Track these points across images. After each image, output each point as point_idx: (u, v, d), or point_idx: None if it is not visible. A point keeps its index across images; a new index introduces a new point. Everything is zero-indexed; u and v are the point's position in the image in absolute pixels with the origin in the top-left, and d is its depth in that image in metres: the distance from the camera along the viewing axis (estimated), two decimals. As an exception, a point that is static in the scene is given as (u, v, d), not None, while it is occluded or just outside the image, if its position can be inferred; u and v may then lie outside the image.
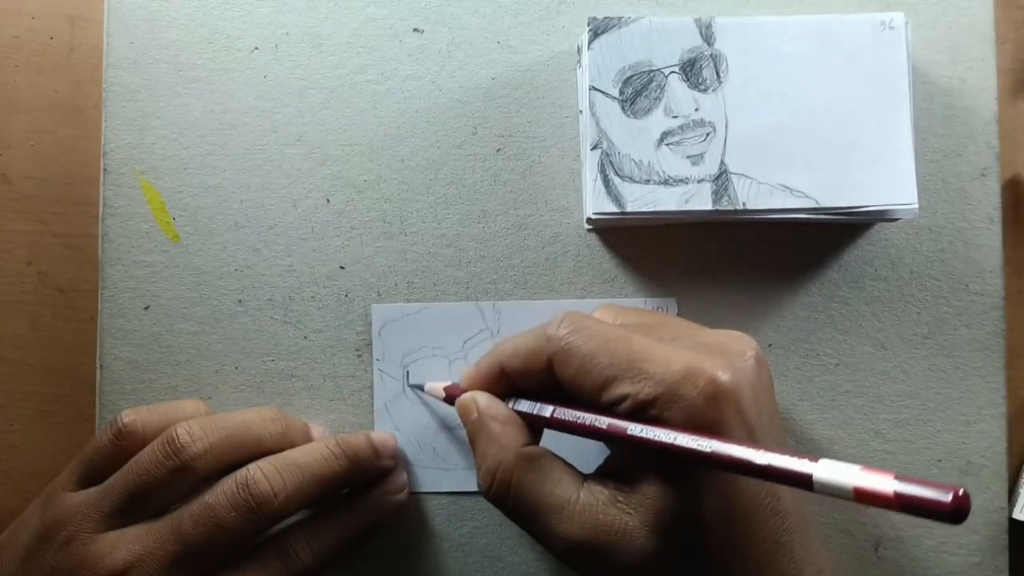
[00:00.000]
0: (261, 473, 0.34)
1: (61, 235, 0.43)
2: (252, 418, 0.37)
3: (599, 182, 0.38)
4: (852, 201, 0.37)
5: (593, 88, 0.38)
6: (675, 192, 0.38)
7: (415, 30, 0.42)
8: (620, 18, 0.38)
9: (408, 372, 0.41)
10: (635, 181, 0.38)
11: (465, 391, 0.36)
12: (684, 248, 0.41)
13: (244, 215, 0.41)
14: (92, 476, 0.36)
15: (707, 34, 0.38)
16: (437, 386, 0.39)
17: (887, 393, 0.41)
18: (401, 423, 0.41)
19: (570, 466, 0.33)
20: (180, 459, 0.34)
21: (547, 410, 0.33)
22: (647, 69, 0.38)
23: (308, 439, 0.39)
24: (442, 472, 0.40)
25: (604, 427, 0.31)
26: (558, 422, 0.33)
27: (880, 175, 0.37)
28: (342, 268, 0.41)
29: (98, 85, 0.42)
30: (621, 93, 0.38)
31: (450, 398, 0.37)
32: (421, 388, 0.40)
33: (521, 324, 0.40)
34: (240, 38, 0.42)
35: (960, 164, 0.41)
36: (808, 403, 0.41)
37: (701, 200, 0.37)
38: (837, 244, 0.41)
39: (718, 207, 0.37)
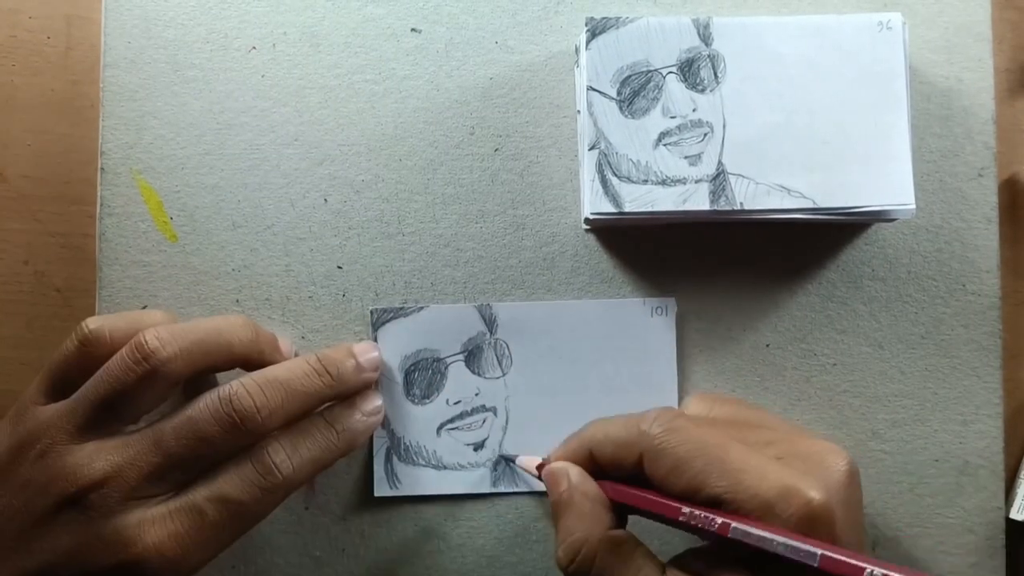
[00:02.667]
0: (244, 389, 0.34)
1: (58, 235, 0.42)
2: (222, 324, 0.37)
3: (597, 182, 0.38)
4: (849, 202, 0.37)
5: (591, 88, 0.38)
6: (673, 192, 0.38)
7: (413, 30, 0.42)
8: (618, 18, 0.38)
9: (503, 445, 0.41)
10: (633, 181, 0.38)
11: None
12: (682, 248, 0.41)
13: (242, 215, 0.41)
14: (61, 388, 0.35)
15: (705, 34, 0.38)
16: (531, 460, 0.38)
17: (884, 393, 0.41)
18: (399, 425, 0.41)
19: (653, 556, 0.32)
20: (150, 364, 0.34)
21: (639, 496, 0.33)
22: (645, 69, 0.38)
23: (276, 349, 0.38)
24: (439, 473, 0.40)
25: (708, 524, 0.30)
26: (650, 510, 0.32)
27: (877, 176, 0.37)
28: (340, 268, 0.41)
29: (95, 84, 0.42)
30: (619, 93, 0.38)
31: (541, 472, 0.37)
32: (512, 460, 0.40)
33: (519, 325, 0.41)
34: (237, 37, 0.42)
35: (957, 164, 0.41)
36: (805, 403, 0.41)
37: (699, 200, 0.37)
38: (835, 244, 0.41)
39: (716, 207, 0.37)
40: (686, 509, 0.31)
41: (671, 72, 0.38)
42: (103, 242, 0.41)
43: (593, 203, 0.38)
